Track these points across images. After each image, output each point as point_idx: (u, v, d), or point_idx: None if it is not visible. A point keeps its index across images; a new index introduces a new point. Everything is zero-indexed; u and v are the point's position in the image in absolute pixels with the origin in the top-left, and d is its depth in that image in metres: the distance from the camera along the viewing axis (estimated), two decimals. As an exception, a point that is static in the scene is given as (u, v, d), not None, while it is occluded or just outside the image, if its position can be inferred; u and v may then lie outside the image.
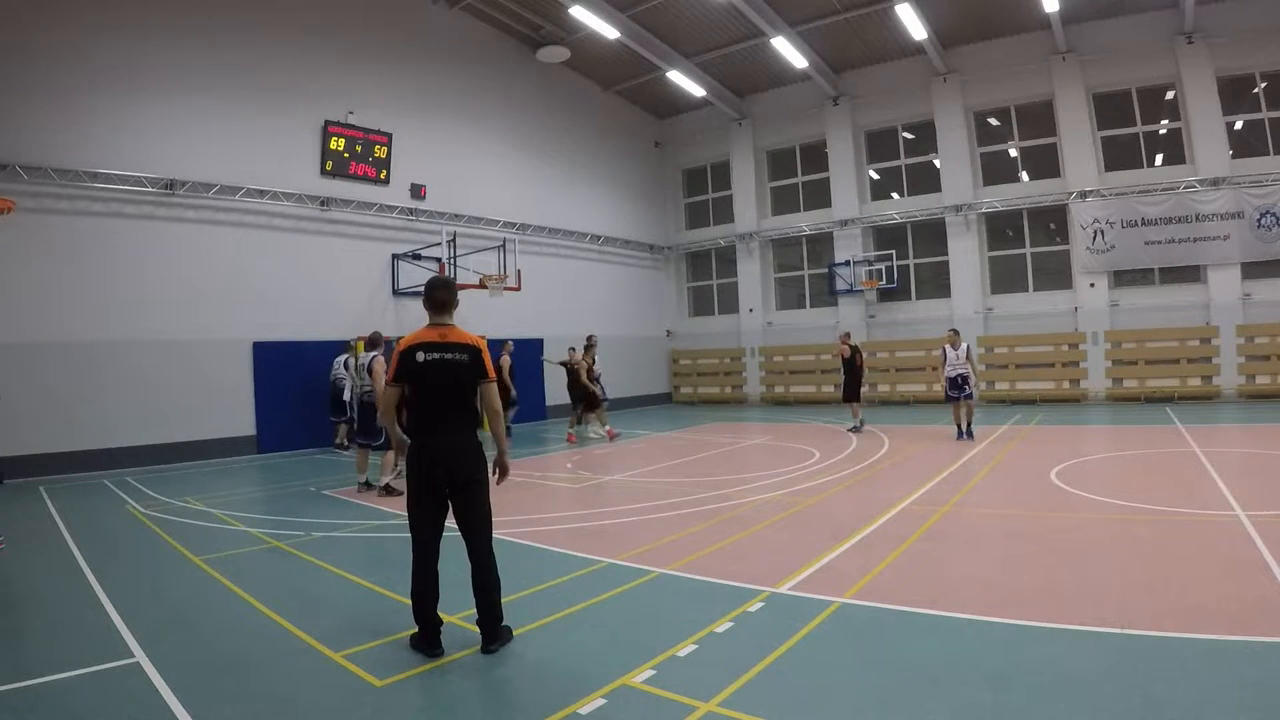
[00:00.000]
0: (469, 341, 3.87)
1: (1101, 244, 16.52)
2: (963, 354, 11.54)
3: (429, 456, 3.69)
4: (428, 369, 3.72)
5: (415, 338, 3.80)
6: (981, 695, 2.98)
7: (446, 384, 3.75)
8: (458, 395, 3.79)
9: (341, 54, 14.38)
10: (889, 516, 6.29)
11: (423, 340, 3.78)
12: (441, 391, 3.74)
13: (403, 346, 3.76)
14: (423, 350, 3.73)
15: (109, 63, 11.36)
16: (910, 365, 18.89)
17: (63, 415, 10.70)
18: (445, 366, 3.74)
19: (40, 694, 3.31)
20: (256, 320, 12.91)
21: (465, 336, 3.88)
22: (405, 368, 3.73)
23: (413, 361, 3.71)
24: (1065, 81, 16.66)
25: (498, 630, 3.72)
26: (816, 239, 20.83)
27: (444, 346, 3.76)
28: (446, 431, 3.74)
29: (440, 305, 3.89)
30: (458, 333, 3.86)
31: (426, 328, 3.86)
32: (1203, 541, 5.15)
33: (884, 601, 4.12)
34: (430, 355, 3.73)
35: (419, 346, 3.75)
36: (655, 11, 16.46)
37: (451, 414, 3.77)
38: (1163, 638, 3.44)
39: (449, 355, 3.76)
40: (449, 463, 3.70)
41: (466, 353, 3.81)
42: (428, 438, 3.73)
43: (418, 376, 3.72)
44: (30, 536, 6.74)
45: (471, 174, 16.79)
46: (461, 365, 3.79)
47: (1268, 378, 15.03)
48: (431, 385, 3.73)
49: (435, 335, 3.79)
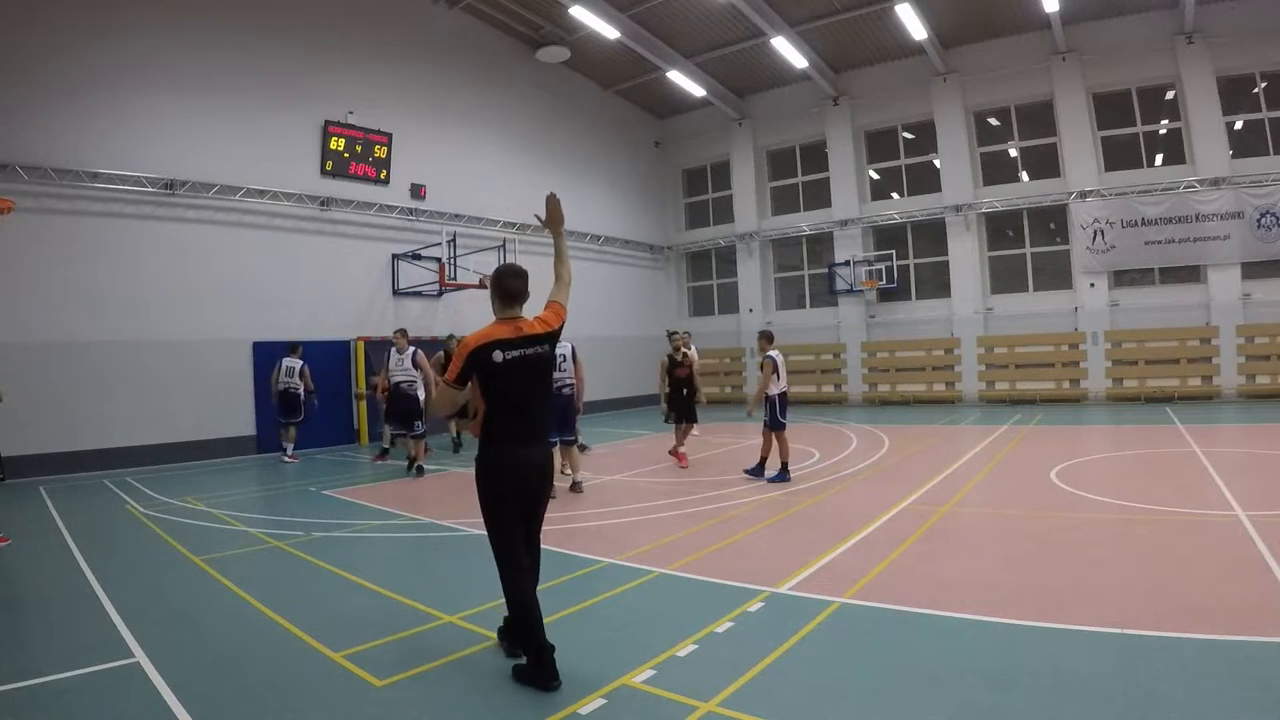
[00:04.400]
0: (547, 329, 3.41)
1: (1101, 244, 16.52)
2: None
3: (519, 470, 3.29)
4: (508, 370, 3.26)
5: (487, 335, 3.29)
6: (981, 695, 2.98)
7: (531, 385, 3.34)
8: (544, 396, 3.43)
9: (341, 54, 14.38)
10: (889, 516, 6.29)
11: (497, 337, 3.27)
12: (527, 394, 3.33)
13: (473, 345, 3.25)
14: (500, 349, 3.24)
15: (109, 63, 11.36)
16: (910, 365, 18.91)
17: (63, 415, 10.70)
18: (528, 365, 3.31)
19: (40, 694, 3.31)
20: (256, 320, 12.90)
21: (541, 323, 3.41)
22: (477, 369, 3.25)
23: (488, 363, 3.23)
24: (1065, 81, 16.66)
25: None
26: (816, 239, 20.83)
27: (523, 342, 3.31)
28: (535, 439, 3.37)
29: (513, 296, 3.41)
30: (532, 323, 3.39)
31: (498, 323, 3.37)
32: (1203, 541, 5.15)
33: (884, 601, 4.12)
34: (510, 354, 3.25)
35: (494, 345, 3.25)
36: (655, 11, 16.46)
37: (539, 419, 3.40)
38: (1163, 638, 3.44)
39: (530, 351, 3.32)
40: (539, 474, 3.35)
41: (547, 342, 3.39)
42: (516, 448, 3.30)
43: (494, 379, 3.26)
44: (30, 536, 6.74)
45: (471, 174, 16.79)
46: (544, 360, 3.39)
47: (1268, 378, 15.03)
48: (514, 388, 3.29)
49: (510, 330, 3.31)
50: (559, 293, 3.62)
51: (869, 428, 13.43)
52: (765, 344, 8.57)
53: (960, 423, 13.89)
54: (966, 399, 17.90)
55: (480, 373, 3.25)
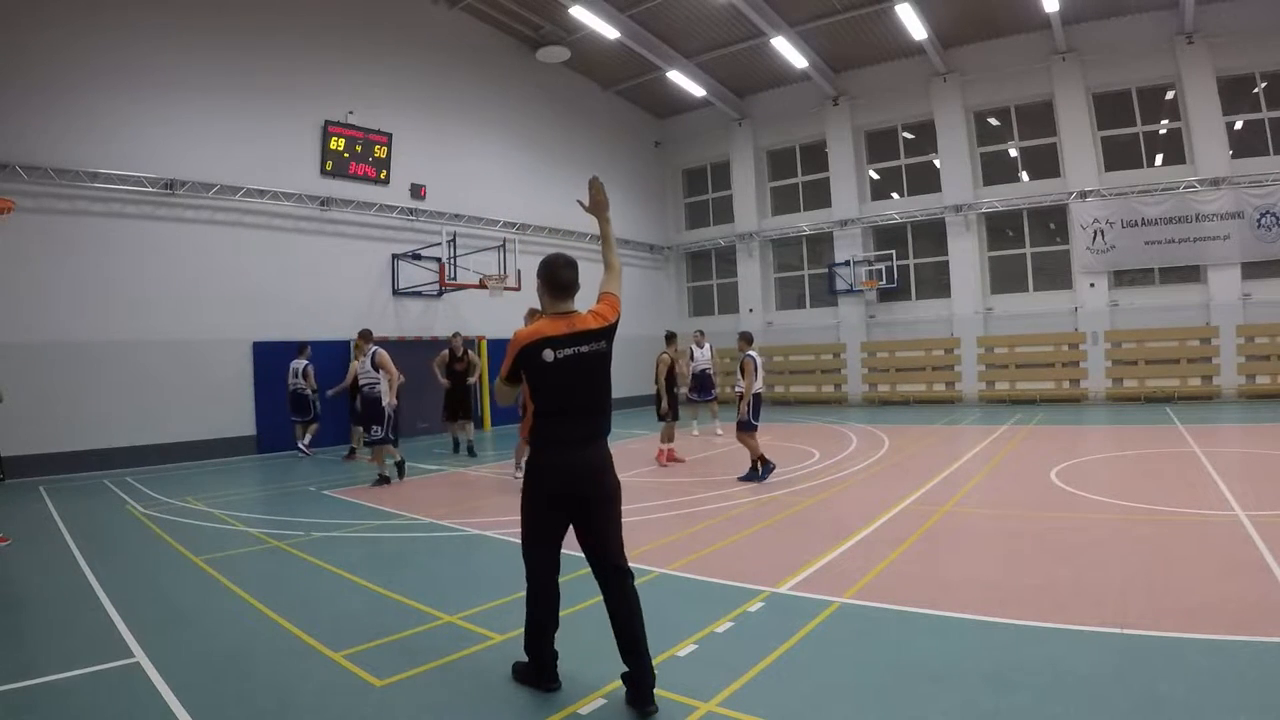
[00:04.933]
0: (603, 323, 3.12)
1: (1101, 244, 16.52)
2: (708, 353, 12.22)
3: (562, 475, 3.04)
4: (560, 370, 3.00)
5: (537, 331, 3.02)
6: (981, 695, 2.98)
7: (585, 385, 3.07)
8: (599, 397, 3.13)
9: (341, 54, 14.39)
10: (889, 516, 6.29)
11: (548, 334, 3.01)
12: (580, 395, 3.07)
13: (523, 341, 3.01)
14: (550, 347, 2.99)
15: (109, 63, 11.37)
16: (910, 365, 18.91)
17: (63, 415, 10.70)
18: (583, 363, 3.04)
19: (40, 694, 3.31)
20: (256, 320, 12.91)
21: (597, 317, 3.12)
22: (527, 366, 3.03)
23: (538, 362, 2.99)
24: (1065, 81, 16.66)
25: (651, 681, 2.97)
26: (816, 239, 20.84)
27: (578, 339, 3.03)
28: (588, 443, 3.08)
29: (565, 288, 3.14)
30: (586, 317, 3.10)
31: (550, 318, 3.09)
32: (1203, 541, 5.15)
33: (884, 601, 4.12)
34: (563, 352, 3.00)
35: (545, 342, 2.99)
36: (655, 11, 16.46)
37: (595, 421, 3.11)
38: (1163, 638, 3.44)
39: (585, 349, 3.04)
40: (587, 480, 3.06)
41: (604, 338, 3.10)
42: (566, 453, 3.04)
43: (544, 379, 3.02)
44: (30, 536, 6.74)
45: (471, 174, 16.80)
46: (602, 358, 3.10)
47: (1268, 378, 15.03)
48: (566, 388, 3.03)
49: (564, 326, 3.03)
50: (611, 282, 3.33)
51: (869, 428, 13.43)
52: (744, 344, 8.76)
53: (960, 423, 13.89)
54: (966, 399, 17.90)
55: (529, 371, 3.03)
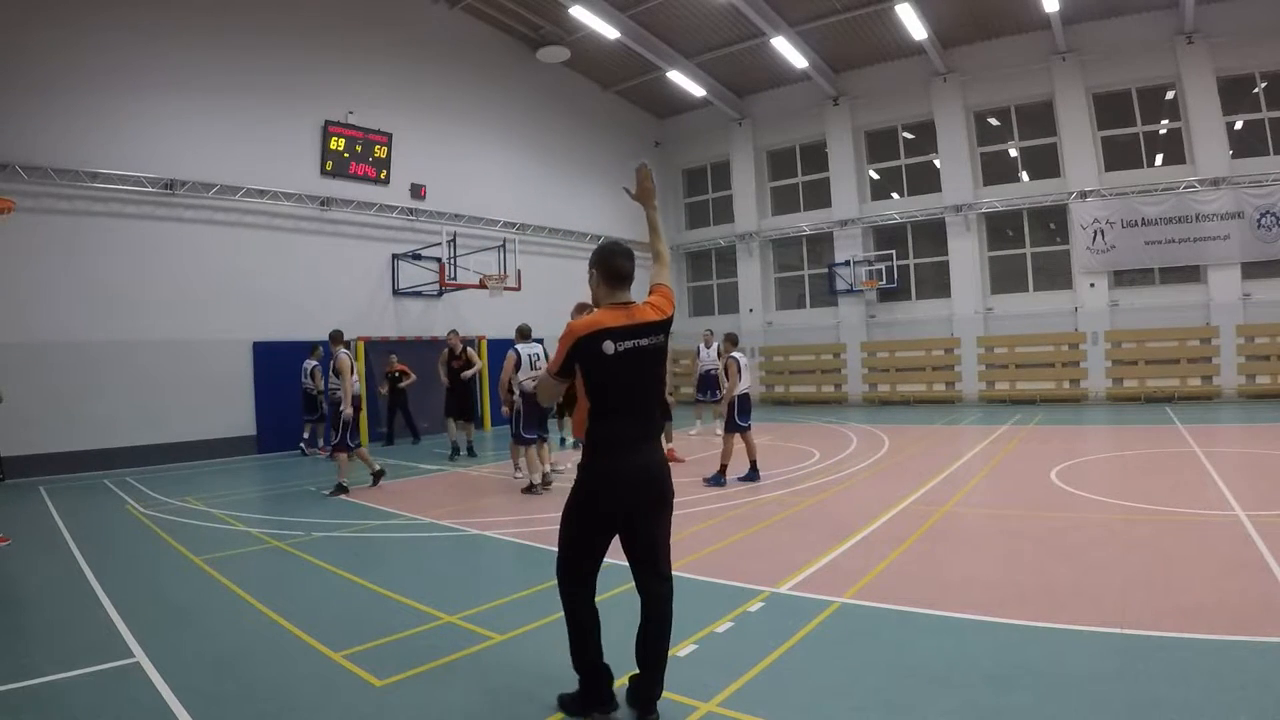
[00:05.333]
0: (661, 315, 2.95)
1: (1101, 244, 16.52)
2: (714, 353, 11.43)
3: (633, 480, 2.83)
4: (620, 364, 2.79)
5: (596, 322, 2.82)
6: (982, 695, 2.98)
7: (645, 380, 2.89)
8: (656, 393, 2.97)
9: (341, 54, 14.38)
10: (889, 516, 6.29)
11: (607, 325, 2.81)
12: (640, 391, 2.89)
13: (580, 332, 2.79)
14: (611, 339, 2.78)
15: (109, 62, 11.36)
16: (910, 365, 18.91)
17: (63, 415, 10.70)
18: (644, 356, 2.85)
19: (40, 694, 3.31)
20: (256, 320, 12.91)
21: (654, 309, 2.95)
22: (582, 361, 2.80)
23: (597, 355, 2.77)
24: (1065, 81, 16.65)
25: (657, 693, 2.87)
26: (816, 239, 20.83)
27: (638, 331, 2.84)
28: (649, 443, 2.92)
29: (623, 278, 2.96)
30: (644, 309, 2.92)
31: (607, 309, 2.90)
32: (1203, 541, 5.15)
33: (884, 601, 4.12)
34: (623, 344, 2.79)
35: (605, 334, 2.78)
36: (655, 11, 16.46)
37: (652, 419, 2.94)
38: (1163, 638, 3.44)
39: (645, 341, 2.86)
40: (651, 483, 2.87)
41: (662, 331, 2.94)
42: (630, 455, 2.84)
43: (603, 373, 2.80)
44: (30, 536, 6.74)
45: (471, 174, 16.79)
46: (661, 352, 2.94)
47: (1268, 378, 15.03)
48: (626, 383, 2.83)
49: (623, 317, 2.84)
50: (662, 274, 3.19)
51: (869, 428, 13.43)
52: (729, 346, 8.76)
53: (960, 423, 13.89)
54: (966, 399, 17.90)
55: (586, 365, 2.80)
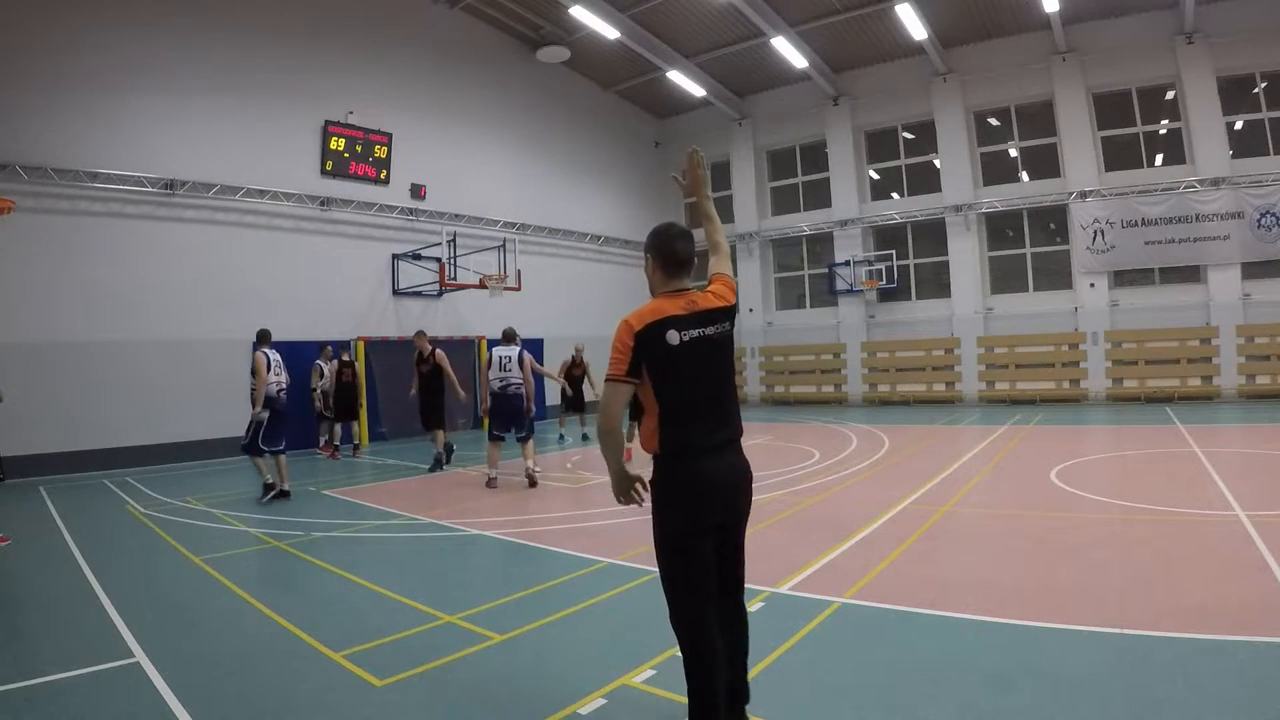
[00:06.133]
0: (724, 303, 2.68)
1: (1101, 244, 16.52)
2: None
3: (722, 487, 2.56)
4: (687, 355, 2.51)
5: (656, 311, 2.53)
6: (981, 695, 2.98)
7: (716, 372, 2.61)
8: (729, 386, 2.67)
9: (341, 54, 14.38)
10: (889, 516, 6.28)
11: (669, 313, 2.53)
12: (713, 384, 2.60)
13: (638, 325, 2.49)
14: (675, 328, 2.50)
15: (109, 62, 11.37)
16: (910, 365, 18.92)
17: (63, 415, 10.70)
18: (711, 346, 2.58)
19: (40, 694, 3.31)
20: (256, 320, 12.80)
21: (717, 297, 2.68)
22: (648, 356, 2.48)
23: (661, 347, 2.48)
24: (1065, 81, 16.66)
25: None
26: (816, 239, 20.84)
27: (701, 319, 2.56)
28: (730, 446, 2.62)
29: (682, 263, 2.69)
30: (705, 296, 2.66)
31: (666, 296, 2.61)
32: (1203, 541, 5.15)
33: (884, 601, 4.12)
34: (688, 334, 2.52)
35: (667, 322, 2.51)
36: (655, 11, 16.46)
37: (732, 419, 2.65)
38: (1163, 638, 3.44)
39: (711, 330, 2.58)
40: (743, 493, 2.63)
41: (727, 319, 2.66)
42: (715, 458, 2.55)
43: (670, 367, 2.50)
44: (30, 536, 6.74)
45: (471, 174, 16.79)
46: (727, 341, 2.66)
47: (1268, 378, 15.03)
48: (696, 377, 2.54)
49: (683, 305, 2.56)
50: (722, 264, 2.95)
51: (869, 428, 13.43)
52: None
53: (960, 423, 13.89)
54: (966, 399, 17.90)
55: (651, 362, 2.48)
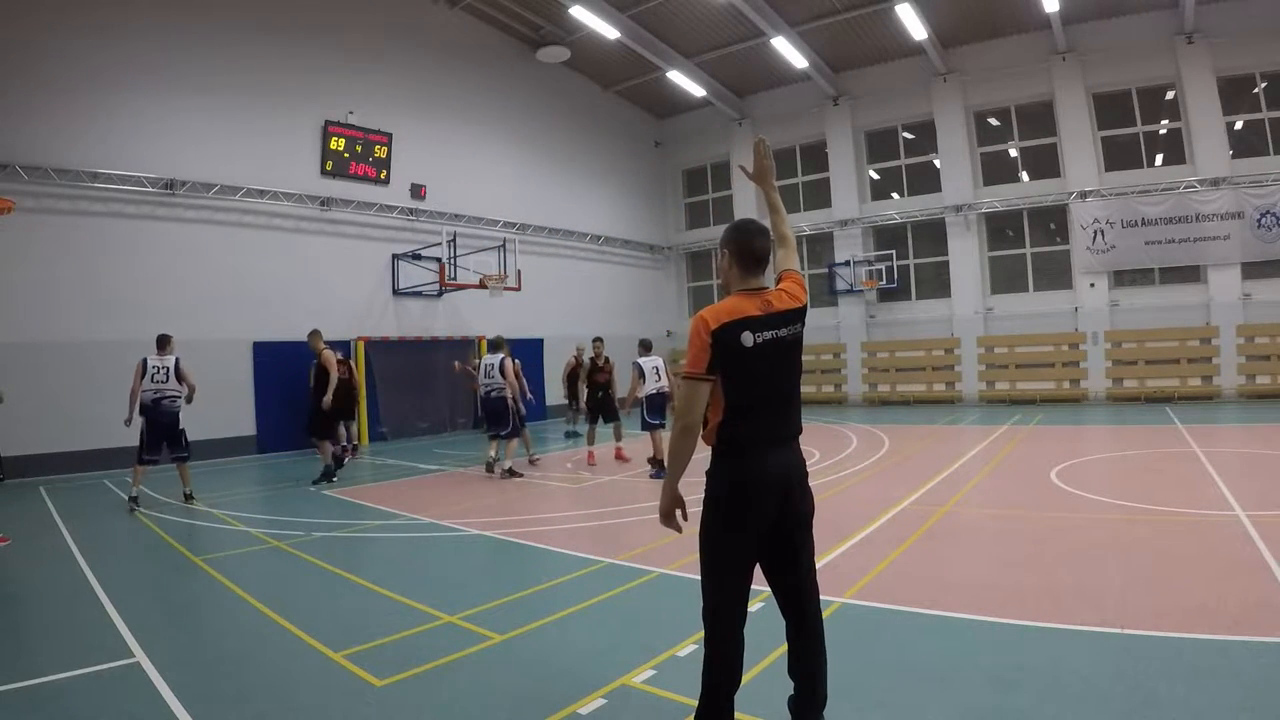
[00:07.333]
0: (797, 303, 2.63)
1: (1101, 244, 16.52)
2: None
3: (780, 483, 2.53)
4: (761, 356, 2.48)
5: (733, 310, 2.49)
6: (982, 695, 2.98)
7: (788, 374, 2.59)
8: (797, 387, 2.66)
9: (341, 54, 14.39)
10: (889, 516, 6.28)
11: (746, 314, 2.49)
12: (783, 385, 2.58)
13: (714, 324, 2.45)
14: (750, 329, 2.47)
15: (109, 62, 11.37)
16: (910, 365, 18.92)
17: (63, 415, 10.70)
18: (784, 348, 2.55)
19: (40, 694, 3.31)
20: (256, 320, 12.91)
21: (790, 297, 2.62)
22: (724, 355, 2.45)
23: (736, 347, 2.45)
24: (1065, 81, 16.66)
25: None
26: (816, 239, 20.83)
27: (776, 320, 2.52)
28: (790, 443, 2.61)
29: (760, 260, 2.60)
30: (780, 296, 2.60)
31: (742, 294, 2.55)
32: (1203, 541, 5.14)
33: (885, 601, 4.12)
34: (762, 335, 2.48)
35: (743, 323, 2.47)
36: (655, 11, 16.46)
37: (795, 417, 2.63)
38: (1163, 638, 3.44)
39: (784, 332, 2.54)
40: (800, 490, 2.61)
41: (799, 320, 2.61)
42: (774, 455, 2.55)
43: (743, 367, 2.47)
44: (30, 536, 6.74)
45: (471, 174, 16.79)
46: (798, 343, 2.63)
47: (1268, 378, 15.02)
48: (768, 378, 2.52)
49: (759, 305, 2.51)
50: (790, 258, 2.88)
51: (869, 428, 13.43)
52: (640, 351, 9.69)
53: (960, 423, 13.89)
54: (967, 399, 17.90)
55: (723, 361, 2.46)
